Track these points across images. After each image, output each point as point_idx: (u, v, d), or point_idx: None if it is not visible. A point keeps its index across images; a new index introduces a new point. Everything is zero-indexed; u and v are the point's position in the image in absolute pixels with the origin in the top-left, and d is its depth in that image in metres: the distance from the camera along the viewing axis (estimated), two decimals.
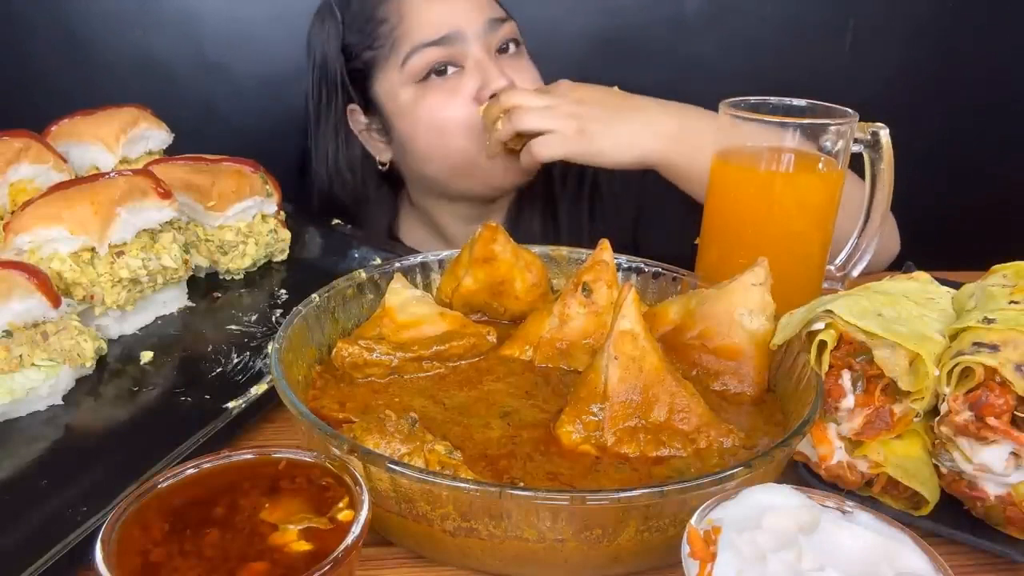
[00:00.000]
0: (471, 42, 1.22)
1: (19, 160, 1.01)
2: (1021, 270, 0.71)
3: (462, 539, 0.58)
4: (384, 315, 0.83)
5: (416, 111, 1.26)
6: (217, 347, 0.89)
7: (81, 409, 0.79)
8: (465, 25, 1.22)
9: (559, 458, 0.67)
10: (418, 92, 1.24)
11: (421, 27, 1.22)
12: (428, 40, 1.22)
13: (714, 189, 0.95)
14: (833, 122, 0.88)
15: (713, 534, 0.50)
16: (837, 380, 0.67)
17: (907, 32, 1.92)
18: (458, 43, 1.22)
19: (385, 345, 0.78)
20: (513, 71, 1.24)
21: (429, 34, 1.22)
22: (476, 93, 1.22)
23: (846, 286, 0.96)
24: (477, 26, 1.22)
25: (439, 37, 1.21)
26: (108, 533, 0.49)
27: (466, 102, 1.22)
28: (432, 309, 0.83)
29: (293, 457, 0.56)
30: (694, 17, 1.84)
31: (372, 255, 1.11)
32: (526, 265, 0.88)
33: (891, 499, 0.67)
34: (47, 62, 1.65)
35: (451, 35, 1.21)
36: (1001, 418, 0.60)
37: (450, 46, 1.22)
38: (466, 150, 1.24)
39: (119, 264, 0.88)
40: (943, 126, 1.94)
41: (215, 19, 1.68)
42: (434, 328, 0.81)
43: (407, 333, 0.80)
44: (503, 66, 1.24)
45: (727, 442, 0.68)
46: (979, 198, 1.99)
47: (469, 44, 1.22)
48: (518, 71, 1.25)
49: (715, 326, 0.78)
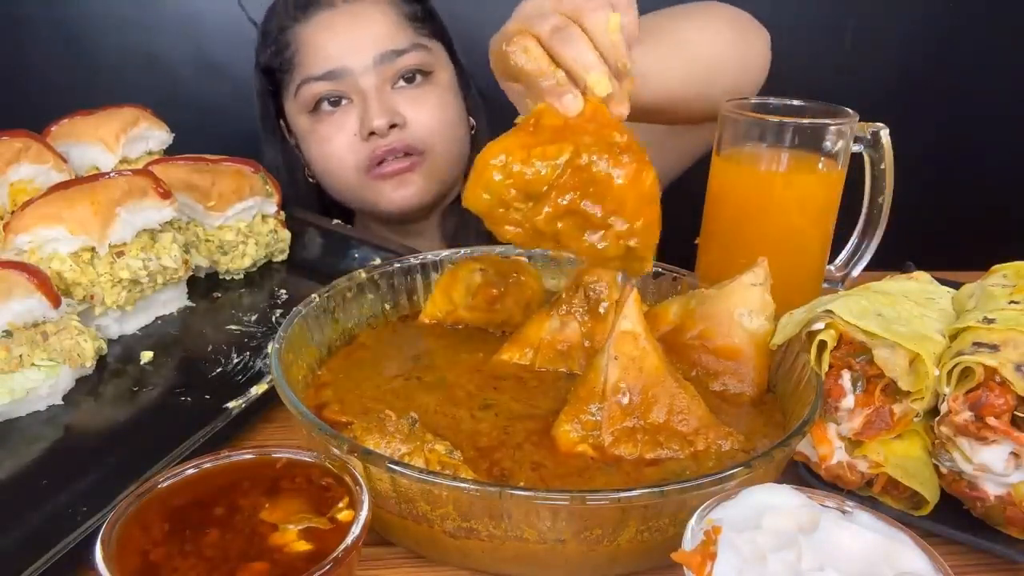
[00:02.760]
0: (358, 77, 1.22)
1: (19, 160, 1.01)
2: (1021, 270, 0.71)
3: (462, 540, 0.58)
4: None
5: (308, 141, 1.30)
6: (217, 347, 0.89)
7: (81, 409, 0.79)
8: (352, 61, 1.21)
9: (550, 455, 0.67)
10: (311, 121, 1.28)
11: (312, 60, 1.24)
12: (315, 74, 1.23)
13: (714, 189, 0.95)
14: (833, 122, 0.88)
15: (713, 534, 0.50)
16: (837, 380, 0.67)
17: (907, 32, 1.92)
18: (345, 78, 1.22)
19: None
20: (407, 106, 1.24)
21: (317, 68, 1.23)
22: (358, 128, 1.23)
23: (846, 286, 0.96)
24: (364, 61, 1.22)
25: (324, 72, 1.22)
26: (108, 533, 0.49)
27: (348, 135, 1.24)
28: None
29: (293, 457, 0.56)
30: None
31: (372, 255, 1.11)
32: (522, 291, 0.88)
33: (891, 499, 0.67)
34: (47, 62, 1.65)
35: (336, 71, 1.22)
36: (1001, 418, 0.60)
37: (336, 81, 1.22)
38: (348, 182, 1.28)
39: (119, 264, 0.88)
40: (943, 126, 1.94)
41: (215, 19, 1.68)
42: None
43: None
44: (396, 100, 1.23)
45: (726, 445, 0.68)
46: (979, 198, 1.99)
47: (356, 78, 1.22)
48: (415, 104, 1.24)
49: (715, 326, 0.78)
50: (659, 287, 0.92)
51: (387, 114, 1.21)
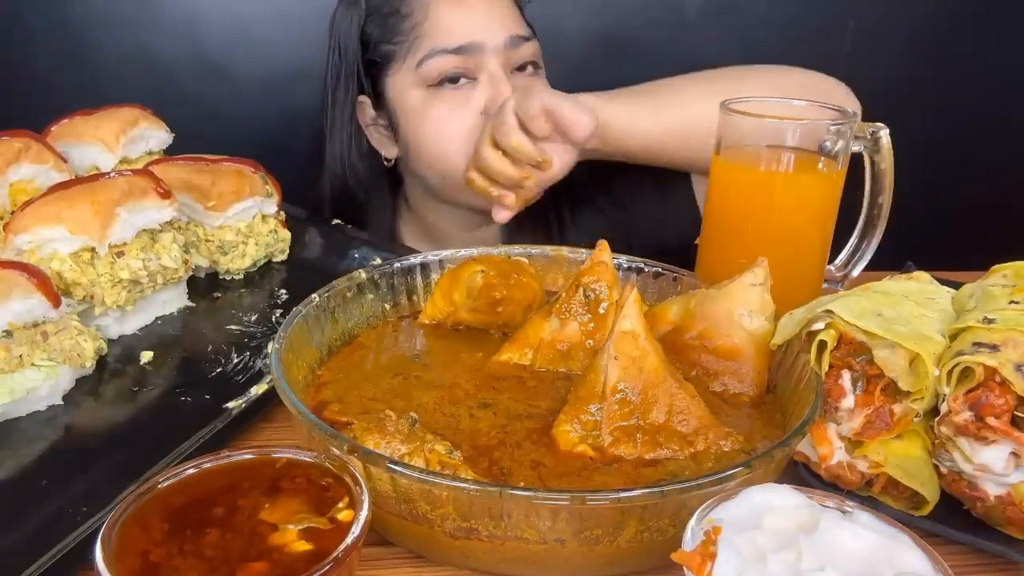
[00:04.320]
0: (489, 55, 1.20)
1: (19, 160, 1.01)
2: (1021, 270, 0.71)
3: (462, 540, 0.58)
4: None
5: (423, 116, 1.25)
6: (217, 347, 0.89)
7: (81, 409, 0.79)
8: (486, 38, 1.20)
9: (550, 454, 0.67)
10: (428, 96, 1.23)
11: (441, 32, 1.21)
12: (447, 47, 1.20)
13: (714, 189, 0.95)
14: (833, 122, 0.88)
15: (713, 534, 0.50)
16: (837, 380, 0.67)
17: (907, 32, 1.92)
18: (476, 54, 1.20)
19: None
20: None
21: (449, 40, 1.20)
22: (485, 107, 1.20)
23: (846, 286, 0.96)
24: (498, 41, 1.20)
25: (458, 46, 1.20)
26: (108, 533, 0.49)
27: (474, 115, 1.20)
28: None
29: (293, 457, 0.56)
30: (694, 17, 1.84)
31: (372, 255, 1.11)
32: (523, 293, 0.88)
33: (891, 499, 0.67)
34: (47, 62, 1.65)
35: (470, 45, 1.20)
36: (1001, 418, 0.60)
37: (467, 56, 1.20)
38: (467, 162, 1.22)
39: (119, 264, 0.88)
40: (943, 126, 1.94)
41: (216, 19, 1.68)
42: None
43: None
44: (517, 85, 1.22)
45: (726, 445, 0.68)
46: (979, 198, 1.99)
47: (487, 57, 1.20)
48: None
49: (715, 326, 0.78)
50: (659, 287, 0.92)
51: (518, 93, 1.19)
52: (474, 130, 1.20)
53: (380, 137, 1.35)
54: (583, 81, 1.17)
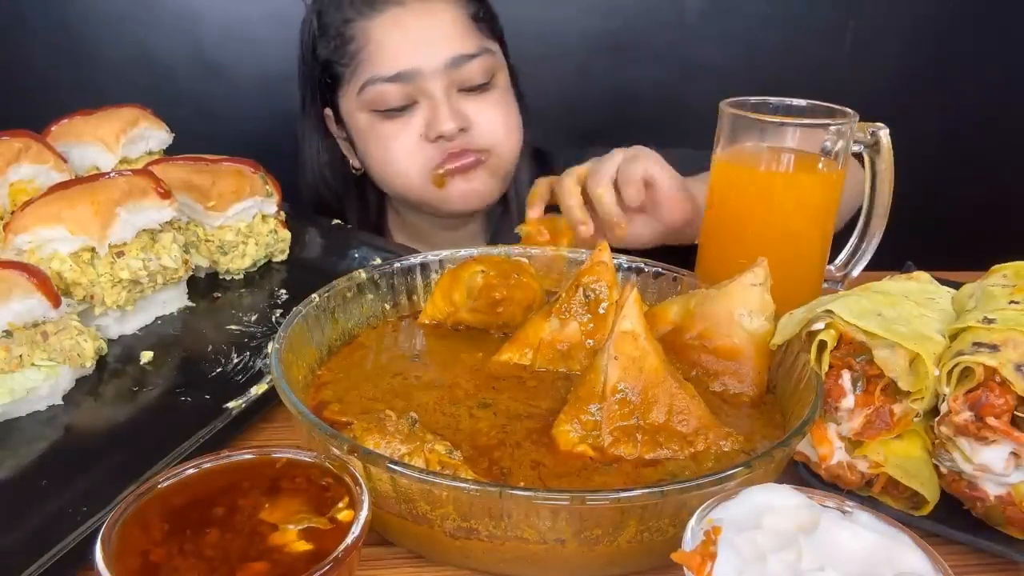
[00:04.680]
0: (428, 79, 1.19)
1: (19, 160, 1.01)
2: (1021, 270, 0.71)
3: (462, 540, 0.58)
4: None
5: (367, 137, 1.27)
6: (217, 347, 0.89)
7: (81, 409, 0.79)
8: (423, 63, 1.19)
9: (549, 454, 0.67)
10: (371, 119, 1.25)
11: (380, 59, 1.21)
12: (384, 75, 1.20)
13: (714, 189, 0.95)
14: (833, 122, 0.88)
15: (713, 534, 0.50)
16: (837, 380, 0.67)
17: (907, 32, 1.92)
18: (414, 80, 1.19)
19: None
20: (474, 111, 1.22)
21: (386, 68, 1.20)
22: (425, 131, 1.21)
23: (846, 286, 0.96)
24: (436, 64, 1.19)
25: (395, 73, 1.19)
26: (108, 533, 0.49)
27: (413, 139, 1.22)
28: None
29: (293, 457, 0.56)
30: (694, 17, 1.84)
31: (372, 255, 1.11)
32: (524, 293, 0.88)
33: (891, 499, 0.67)
34: (47, 62, 1.65)
35: (407, 72, 1.19)
36: (1001, 418, 0.60)
37: (406, 83, 1.20)
38: (411, 184, 1.26)
39: (119, 264, 0.88)
40: (943, 126, 1.94)
41: (214, 19, 1.69)
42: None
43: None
44: (464, 105, 1.22)
45: (726, 445, 0.68)
46: (979, 198, 1.99)
47: (426, 81, 1.19)
48: (481, 111, 1.23)
49: (715, 326, 0.78)
50: (659, 287, 0.92)
51: (457, 118, 1.19)
52: (415, 153, 1.22)
53: (347, 148, 1.37)
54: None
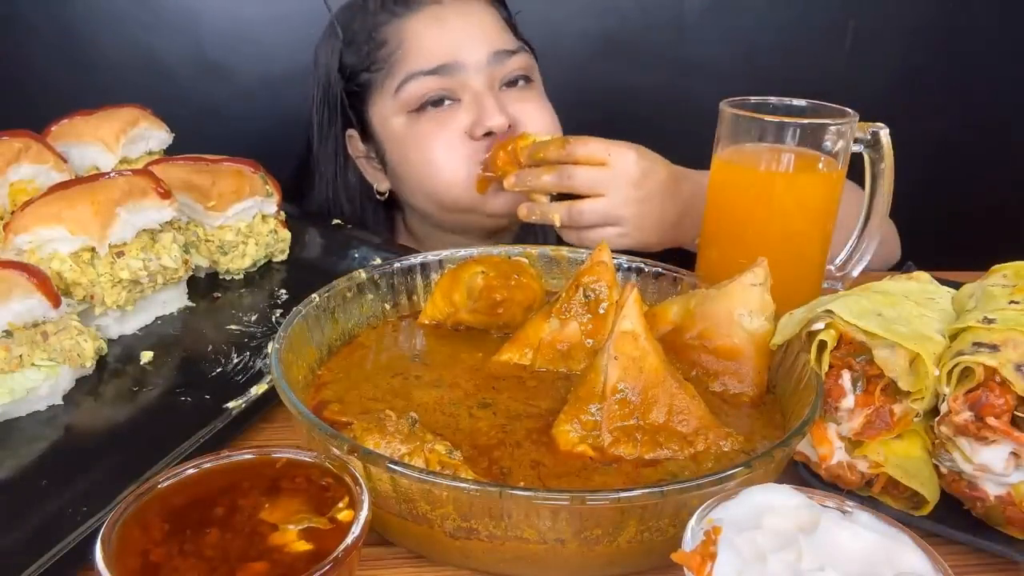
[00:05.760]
0: (470, 74, 1.16)
1: (19, 160, 1.01)
2: (1021, 270, 0.71)
3: (462, 540, 0.58)
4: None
5: (406, 141, 1.20)
6: (217, 347, 0.89)
7: (81, 409, 0.79)
8: (465, 56, 1.16)
9: (549, 454, 0.67)
10: (410, 121, 1.19)
11: (419, 54, 1.18)
12: (424, 69, 1.16)
13: (714, 189, 0.95)
14: (833, 122, 0.88)
15: (713, 534, 0.50)
16: (837, 380, 0.67)
17: (907, 32, 1.92)
18: (456, 74, 1.16)
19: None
20: (518, 108, 1.18)
21: (426, 63, 1.16)
22: (470, 128, 1.16)
23: (846, 286, 0.96)
24: (479, 57, 1.16)
25: (436, 66, 1.16)
26: (108, 533, 0.49)
27: (457, 136, 1.16)
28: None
29: (293, 457, 0.56)
30: (694, 17, 1.84)
31: (372, 255, 1.11)
32: (524, 294, 0.88)
33: (891, 499, 0.67)
34: (47, 62, 1.65)
35: (449, 65, 1.16)
36: (1001, 418, 0.60)
37: (447, 77, 1.16)
38: (454, 185, 1.18)
39: (119, 264, 0.88)
40: (943, 126, 1.94)
41: (215, 19, 1.68)
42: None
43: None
44: (506, 102, 1.18)
45: (726, 445, 0.68)
46: (979, 198, 1.99)
47: (468, 76, 1.16)
48: (523, 109, 1.19)
49: (715, 326, 0.78)
50: (659, 287, 0.92)
51: (504, 113, 1.15)
52: (460, 150, 1.16)
53: (373, 171, 1.32)
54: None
